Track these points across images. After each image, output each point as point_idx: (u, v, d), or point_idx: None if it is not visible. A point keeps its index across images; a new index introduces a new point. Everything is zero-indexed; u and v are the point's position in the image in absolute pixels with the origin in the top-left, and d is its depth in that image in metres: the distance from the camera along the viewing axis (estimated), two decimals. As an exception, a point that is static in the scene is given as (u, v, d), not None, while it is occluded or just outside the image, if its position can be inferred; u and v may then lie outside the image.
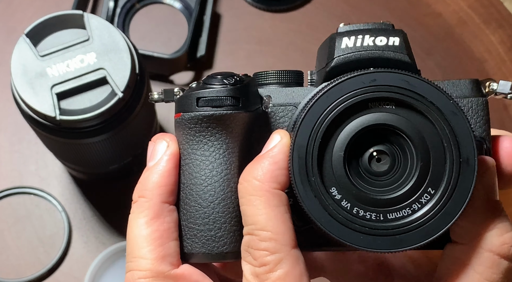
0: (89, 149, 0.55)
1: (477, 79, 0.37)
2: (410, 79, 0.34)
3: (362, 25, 0.36)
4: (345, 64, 0.36)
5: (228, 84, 0.36)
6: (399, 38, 0.35)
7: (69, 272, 0.64)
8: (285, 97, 0.37)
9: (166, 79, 0.70)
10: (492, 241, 0.32)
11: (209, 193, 0.37)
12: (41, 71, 0.51)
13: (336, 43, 0.36)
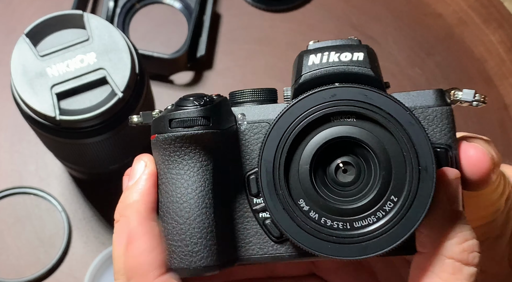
0: (89, 149, 0.55)
1: (441, 89, 0.38)
2: (368, 93, 0.35)
3: (330, 41, 0.38)
4: (312, 80, 0.37)
5: (198, 105, 0.37)
6: (363, 53, 0.37)
7: (69, 272, 0.64)
8: (259, 114, 0.38)
9: (166, 79, 0.70)
10: (453, 248, 0.34)
11: (184, 210, 0.38)
12: (41, 71, 0.51)
13: (304, 61, 0.37)
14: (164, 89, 0.69)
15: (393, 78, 0.70)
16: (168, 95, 0.69)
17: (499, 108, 0.69)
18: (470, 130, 0.70)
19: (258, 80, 0.70)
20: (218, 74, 0.70)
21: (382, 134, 0.35)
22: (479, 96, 0.37)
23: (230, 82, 0.70)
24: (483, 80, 0.70)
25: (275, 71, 0.70)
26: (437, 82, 0.70)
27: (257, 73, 0.70)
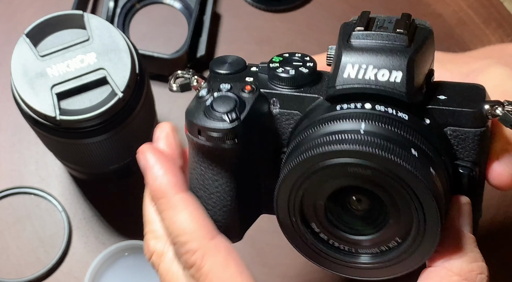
0: (89, 149, 0.55)
1: (481, 109, 0.37)
2: (394, 167, 0.34)
3: (372, 41, 0.36)
4: (347, 93, 0.37)
5: (229, 120, 0.38)
6: (401, 73, 0.35)
7: (69, 272, 0.64)
8: (292, 103, 0.39)
9: (166, 79, 0.70)
10: (462, 266, 0.35)
11: (211, 200, 0.41)
12: (41, 71, 0.51)
13: (340, 68, 0.36)
14: (164, 89, 0.69)
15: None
16: (168, 95, 0.69)
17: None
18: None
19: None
20: (218, 74, 0.70)
21: (396, 189, 0.35)
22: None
23: (230, 82, 0.70)
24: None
25: (275, 71, 0.70)
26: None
27: (257, 73, 0.70)
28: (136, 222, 0.65)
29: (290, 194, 0.37)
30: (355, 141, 0.34)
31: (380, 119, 0.35)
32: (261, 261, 0.64)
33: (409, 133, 0.35)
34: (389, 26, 0.38)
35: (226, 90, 0.39)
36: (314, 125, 0.37)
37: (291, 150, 0.38)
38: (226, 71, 0.41)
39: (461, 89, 0.38)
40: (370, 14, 0.39)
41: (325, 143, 0.34)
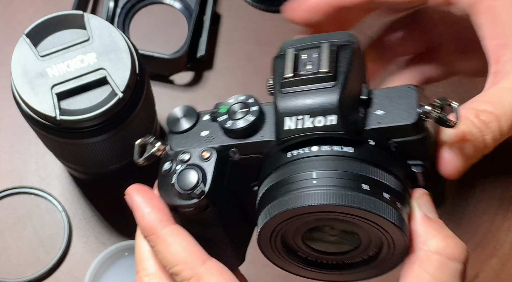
0: (89, 149, 0.55)
1: (416, 119, 0.39)
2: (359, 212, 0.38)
3: (302, 87, 0.39)
4: (292, 144, 0.40)
5: (197, 197, 0.41)
6: (336, 115, 0.39)
7: (69, 272, 0.64)
8: (250, 149, 0.42)
9: (166, 79, 0.70)
10: (438, 244, 0.38)
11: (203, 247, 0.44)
12: (41, 71, 0.51)
13: (280, 121, 0.40)
14: (164, 89, 0.70)
15: (393, 78, 0.70)
16: (168, 95, 0.69)
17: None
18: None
19: (258, 81, 0.70)
20: (218, 74, 0.70)
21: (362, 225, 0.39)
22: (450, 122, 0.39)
23: (230, 82, 0.70)
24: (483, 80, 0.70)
25: (275, 71, 0.70)
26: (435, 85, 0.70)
27: (257, 73, 0.70)
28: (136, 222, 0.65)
29: (270, 238, 0.41)
30: (308, 197, 0.38)
31: (327, 163, 0.39)
32: (261, 261, 0.64)
33: (357, 167, 0.39)
34: (314, 60, 0.40)
35: (185, 161, 0.42)
36: (276, 176, 0.40)
37: (261, 197, 0.41)
38: (182, 129, 0.44)
39: (394, 96, 0.40)
40: (297, 45, 0.41)
41: (286, 202, 0.38)
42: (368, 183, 0.38)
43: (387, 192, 0.38)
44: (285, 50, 0.41)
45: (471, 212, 0.66)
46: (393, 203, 0.38)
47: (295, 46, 0.41)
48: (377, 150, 0.40)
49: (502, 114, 0.40)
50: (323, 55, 0.39)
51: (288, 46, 0.41)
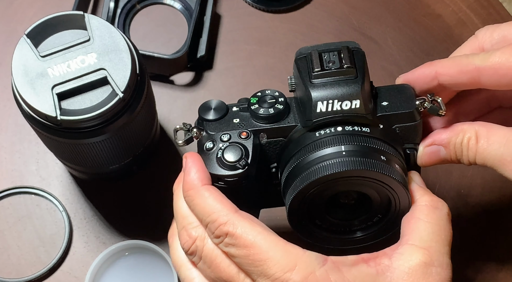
0: (89, 149, 0.55)
1: (414, 107, 0.51)
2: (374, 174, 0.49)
3: (330, 78, 0.49)
4: (322, 124, 0.50)
5: (241, 167, 0.50)
6: (359, 100, 0.49)
7: (69, 271, 0.64)
8: (276, 133, 0.51)
9: (166, 79, 0.70)
10: (427, 199, 0.50)
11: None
12: (42, 71, 0.51)
13: (312, 105, 0.49)
14: (165, 89, 0.70)
15: (392, 79, 0.70)
16: (168, 95, 0.69)
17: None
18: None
19: (258, 81, 0.70)
20: (219, 74, 0.70)
21: (380, 189, 0.50)
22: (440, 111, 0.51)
23: (231, 82, 0.70)
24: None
25: (275, 72, 0.70)
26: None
27: (257, 73, 0.70)
28: (136, 222, 0.66)
29: (299, 205, 0.50)
30: (342, 164, 0.48)
31: (353, 138, 0.49)
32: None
33: (375, 143, 0.49)
34: (335, 59, 0.50)
35: (227, 139, 0.50)
36: (305, 152, 0.50)
37: (290, 172, 0.50)
38: (215, 117, 0.52)
39: (394, 92, 0.51)
40: (316, 49, 0.50)
41: (320, 169, 0.48)
42: (384, 155, 0.49)
43: (397, 164, 0.50)
44: (306, 53, 0.50)
45: (470, 212, 0.66)
46: (401, 171, 0.50)
47: (315, 49, 0.50)
48: (386, 132, 0.51)
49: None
50: (344, 55, 0.49)
51: (307, 50, 0.50)
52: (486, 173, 0.67)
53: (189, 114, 0.69)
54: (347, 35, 0.71)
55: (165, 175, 0.67)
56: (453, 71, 0.51)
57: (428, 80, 0.52)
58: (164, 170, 0.67)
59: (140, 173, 0.67)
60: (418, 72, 0.53)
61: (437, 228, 0.48)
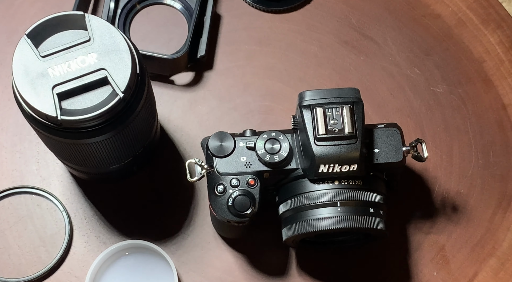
0: (90, 149, 0.55)
1: (402, 157, 0.58)
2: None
3: (333, 143, 0.55)
4: (322, 178, 0.57)
5: (249, 215, 0.57)
6: (357, 165, 0.56)
7: (70, 271, 0.64)
8: (279, 174, 0.58)
9: (166, 80, 0.70)
10: None
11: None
12: (42, 71, 0.51)
13: (315, 166, 0.56)
14: (165, 89, 0.70)
15: (392, 79, 0.70)
16: (168, 95, 0.69)
17: (498, 108, 0.69)
18: (470, 129, 0.71)
19: (258, 81, 0.70)
20: (219, 75, 0.70)
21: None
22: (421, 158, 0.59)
23: (231, 82, 0.70)
24: (481, 80, 0.71)
25: (275, 72, 0.70)
26: (435, 82, 0.70)
27: (257, 73, 0.70)
28: (137, 221, 0.66)
29: (292, 241, 0.59)
30: (337, 221, 0.56)
31: (347, 193, 0.56)
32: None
33: (365, 196, 0.57)
34: (338, 118, 0.56)
35: (236, 186, 0.57)
36: (304, 199, 0.57)
37: (289, 211, 0.58)
38: (224, 154, 0.58)
39: (383, 136, 0.58)
40: (321, 102, 0.56)
41: (317, 223, 0.57)
42: (372, 206, 0.57)
43: (381, 209, 0.58)
44: (312, 107, 0.56)
45: (469, 211, 0.66)
46: (384, 216, 0.58)
47: (319, 103, 0.56)
48: (375, 179, 0.58)
49: None
50: (346, 117, 0.55)
51: (311, 99, 0.56)
52: (486, 172, 0.67)
53: (189, 114, 0.69)
54: (347, 35, 0.71)
55: (165, 175, 0.67)
56: None
57: None
58: (165, 170, 0.67)
59: (140, 173, 0.67)
60: None
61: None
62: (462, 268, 0.65)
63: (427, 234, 0.66)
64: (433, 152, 0.68)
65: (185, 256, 0.65)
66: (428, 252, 0.65)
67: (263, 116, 0.69)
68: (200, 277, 0.64)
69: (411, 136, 0.68)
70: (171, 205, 0.66)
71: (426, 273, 0.64)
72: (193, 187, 0.66)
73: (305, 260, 0.65)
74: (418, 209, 0.66)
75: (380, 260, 0.65)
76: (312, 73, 0.70)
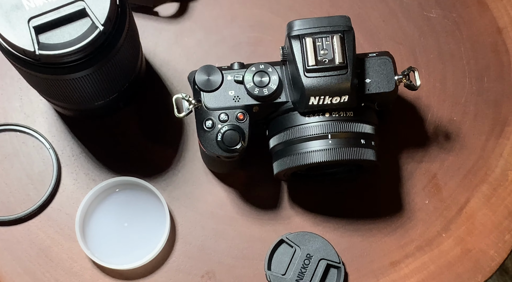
0: (72, 85, 0.54)
1: (394, 86, 0.57)
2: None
3: (323, 74, 0.54)
4: (312, 111, 0.56)
5: (239, 149, 0.56)
6: (348, 96, 0.55)
7: (60, 208, 0.64)
8: (269, 107, 0.57)
9: (150, 11, 0.68)
10: None
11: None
12: (17, 3, 0.50)
13: (305, 98, 0.55)
14: (149, 21, 0.68)
15: (384, 5, 0.68)
16: (153, 27, 0.67)
17: (493, 32, 0.67)
18: (464, 55, 0.69)
19: (246, 11, 0.68)
20: (205, 5, 0.68)
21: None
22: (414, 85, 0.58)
23: (217, 12, 0.68)
24: (476, 3, 0.68)
25: (264, 1, 0.68)
26: (429, 7, 0.68)
27: (245, 2, 0.68)
28: (125, 158, 0.65)
29: (284, 174, 0.59)
30: (328, 154, 0.56)
31: (338, 125, 0.55)
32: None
33: (357, 127, 0.56)
34: (328, 48, 0.54)
35: (225, 120, 0.56)
36: (294, 132, 0.56)
37: (280, 144, 0.57)
38: (211, 88, 0.56)
39: (376, 67, 0.57)
40: (310, 32, 0.54)
41: (308, 156, 0.56)
42: (363, 137, 0.56)
43: (373, 140, 0.57)
44: (301, 37, 0.54)
45: (462, 138, 0.66)
46: (376, 147, 0.57)
47: (308, 33, 0.54)
48: (366, 110, 0.57)
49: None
50: (336, 47, 0.54)
51: (300, 29, 0.54)
52: (479, 99, 0.66)
53: (175, 47, 0.67)
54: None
55: (152, 110, 0.66)
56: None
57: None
58: (151, 105, 0.66)
59: (127, 109, 0.66)
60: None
61: None
62: (454, 195, 0.65)
63: (419, 162, 0.65)
64: (426, 80, 0.67)
65: (176, 192, 0.64)
66: (420, 181, 0.65)
67: (252, 47, 0.67)
68: (191, 212, 0.64)
69: (404, 64, 0.66)
70: (160, 141, 0.65)
71: (418, 201, 0.64)
72: (181, 122, 0.65)
73: (296, 192, 0.64)
74: (411, 138, 0.65)
75: (372, 190, 0.64)
76: (302, 2, 0.68)
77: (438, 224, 0.64)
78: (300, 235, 0.61)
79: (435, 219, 0.64)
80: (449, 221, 0.64)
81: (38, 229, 0.63)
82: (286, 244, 0.61)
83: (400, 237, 0.64)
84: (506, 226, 0.64)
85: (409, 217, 0.64)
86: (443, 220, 0.64)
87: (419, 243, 0.64)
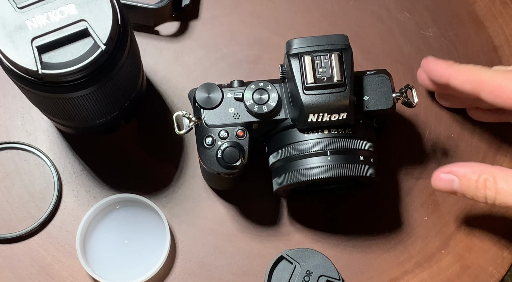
0: (74, 104, 0.54)
1: (392, 104, 0.58)
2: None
3: (322, 91, 0.54)
4: (311, 127, 0.57)
5: (238, 166, 0.56)
6: (346, 113, 0.55)
7: (61, 226, 0.64)
8: (268, 124, 0.58)
9: (151, 30, 0.69)
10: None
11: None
12: (20, 23, 0.50)
13: (304, 115, 0.55)
14: (150, 40, 0.68)
15: (381, 24, 0.69)
16: (153, 46, 0.68)
17: (489, 50, 0.68)
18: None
19: (245, 29, 0.69)
20: (205, 24, 0.69)
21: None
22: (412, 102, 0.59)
23: (217, 31, 0.69)
24: (472, 21, 0.69)
25: (263, 19, 0.69)
26: (426, 26, 0.69)
27: (244, 21, 0.69)
28: (126, 175, 0.65)
29: (283, 190, 0.59)
30: (327, 170, 0.56)
31: (337, 142, 0.56)
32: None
33: (355, 144, 0.57)
34: (326, 66, 0.55)
35: (225, 138, 0.56)
36: (294, 149, 0.57)
37: (279, 161, 0.58)
38: (211, 105, 0.57)
39: (375, 85, 0.58)
40: (309, 51, 0.55)
41: (307, 172, 0.56)
42: (362, 154, 0.57)
43: (372, 157, 0.58)
44: (300, 55, 0.55)
45: (460, 155, 0.66)
46: (374, 163, 0.58)
47: (307, 51, 0.55)
48: (365, 127, 0.58)
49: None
50: (334, 65, 0.54)
51: (299, 47, 0.55)
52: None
53: (175, 65, 0.68)
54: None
55: (153, 128, 0.66)
56: (462, 78, 0.57)
57: (442, 78, 0.59)
58: (152, 122, 0.66)
59: (128, 126, 0.66)
60: (437, 67, 0.60)
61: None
62: (453, 212, 0.65)
63: (418, 179, 0.66)
64: (423, 97, 0.67)
65: (176, 209, 0.65)
66: (419, 197, 0.65)
67: (251, 65, 0.68)
68: (192, 229, 0.64)
69: (401, 82, 0.67)
70: (161, 158, 0.66)
71: (417, 217, 0.65)
72: (182, 139, 0.66)
73: (296, 209, 0.65)
74: (409, 155, 0.66)
75: (371, 207, 0.65)
76: (300, 20, 0.69)
77: (437, 240, 0.64)
78: (300, 252, 0.62)
79: (434, 236, 0.64)
80: (448, 238, 0.64)
81: (39, 247, 0.63)
82: (286, 261, 0.62)
83: (399, 254, 0.64)
84: (505, 243, 0.64)
85: (408, 233, 0.64)
86: (442, 237, 0.64)
87: (418, 259, 0.64)
